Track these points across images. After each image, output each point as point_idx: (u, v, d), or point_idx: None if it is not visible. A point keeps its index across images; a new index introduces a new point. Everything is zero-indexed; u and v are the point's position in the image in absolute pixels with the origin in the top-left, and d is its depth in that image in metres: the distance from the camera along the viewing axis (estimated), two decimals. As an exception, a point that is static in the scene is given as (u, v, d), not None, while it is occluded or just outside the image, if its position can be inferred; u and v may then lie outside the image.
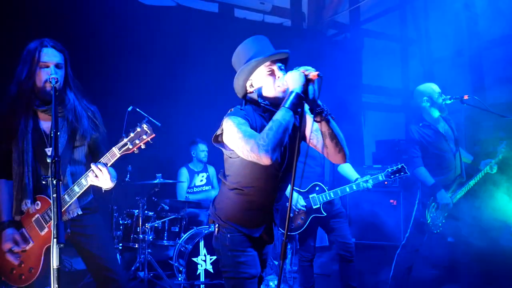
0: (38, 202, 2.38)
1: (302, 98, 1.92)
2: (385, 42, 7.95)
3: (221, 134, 2.09)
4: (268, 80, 2.12)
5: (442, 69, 7.03)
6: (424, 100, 3.87)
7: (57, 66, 2.37)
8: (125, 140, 2.16)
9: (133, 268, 4.45)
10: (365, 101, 7.97)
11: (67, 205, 2.33)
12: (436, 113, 3.88)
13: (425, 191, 3.82)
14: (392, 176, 3.60)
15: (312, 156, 3.72)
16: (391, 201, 5.78)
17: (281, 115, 1.91)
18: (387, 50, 7.72)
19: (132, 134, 2.15)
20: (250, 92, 2.19)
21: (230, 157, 2.19)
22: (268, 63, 2.12)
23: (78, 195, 2.31)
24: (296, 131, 2.01)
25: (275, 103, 2.10)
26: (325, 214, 3.64)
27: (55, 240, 1.66)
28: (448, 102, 3.81)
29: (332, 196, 3.62)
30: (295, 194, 3.59)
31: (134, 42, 5.44)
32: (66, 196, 2.31)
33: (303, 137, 2.24)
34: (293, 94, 1.93)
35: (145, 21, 5.55)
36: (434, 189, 3.75)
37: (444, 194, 3.74)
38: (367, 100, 8.01)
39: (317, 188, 3.67)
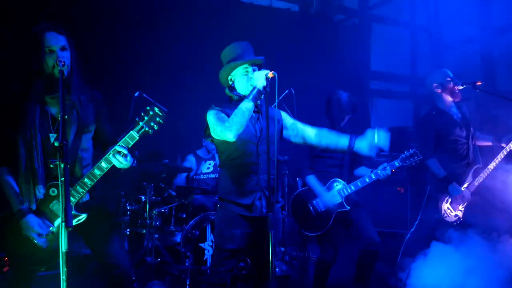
0: (54, 189, 2.40)
1: (261, 92, 2.52)
2: (394, 27, 7.83)
3: (207, 127, 2.70)
4: (243, 78, 2.72)
5: (452, 56, 6.93)
6: (435, 87, 3.83)
7: (62, 49, 2.37)
8: (141, 123, 2.37)
9: (140, 253, 4.48)
10: (373, 87, 7.88)
11: (88, 189, 2.39)
12: (448, 99, 3.82)
13: (436, 188, 3.78)
14: (407, 161, 3.49)
15: (329, 157, 3.64)
16: (399, 188, 5.75)
17: (244, 105, 2.53)
18: (396, 36, 7.61)
19: (146, 118, 2.36)
20: (230, 86, 2.80)
21: (216, 141, 2.72)
22: (245, 65, 2.72)
23: (99, 177, 2.39)
24: (272, 116, 2.63)
25: (246, 95, 2.64)
26: (349, 208, 3.56)
27: (63, 224, 1.67)
28: (460, 87, 3.75)
29: (353, 188, 3.55)
30: (327, 195, 3.55)
31: (140, 26, 5.41)
32: (86, 180, 2.38)
33: (281, 128, 2.82)
34: (256, 90, 2.53)
35: (151, 5, 5.50)
36: (446, 182, 3.71)
37: (456, 187, 3.69)
38: (375, 87, 7.92)
39: (335, 184, 3.60)
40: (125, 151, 2.35)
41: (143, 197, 4.61)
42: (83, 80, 2.51)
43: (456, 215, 3.73)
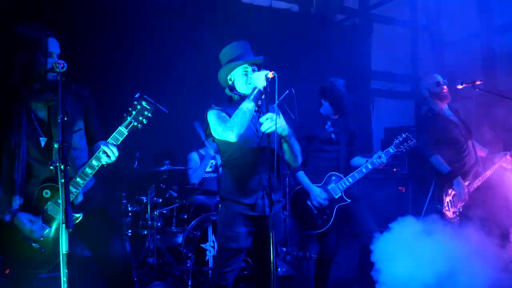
0: (47, 191, 2.39)
1: (262, 93, 2.54)
2: (395, 27, 7.84)
3: (207, 127, 2.71)
4: (242, 78, 2.73)
5: (452, 55, 6.93)
6: (425, 92, 3.91)
7: (58, 56, 2.37)
8: (129, 118, 2.35)
9: (142, 255, 4.49)
10: (373, 87, 7.89)
11: (81, 188, 2.36)
12: (440, 103, 3.87)
13: (440, 182, 3.78)
14: (401, 146, 3.49)
15: (325, 150, 3.60)
16: (400, 188, 5.76)
17: (245, 105, 2.53)
18: (397, 36, 7.61)
19: (134, 112, 2.35)
20: (230, 85, 2.80)
21: (217, 140, 2.72)
22: (245, 65, 2.73)
23: (91, 176, 2.36)
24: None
25: (246, 95, 2.67)
26: (349, 201, 3.50)
27: (63, 225, 1.67)
28: (460, 87, 3.76)
29: (351, 180, 3.49)
30: (317, 189, 3.51)
31: (140, 26, 5.41)
32: (78, 179, 2.35)
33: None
34: (256, 90, 2.54)
35: (151, 5, 5.51)
36: (451, 177, 3.70)
37: (461, 182, 3.69)
38: (376, 86, 7.93)
39: (333, 178, 3.54)
40: (114, 149, 2.33)
41: (144, 198, 4.61)
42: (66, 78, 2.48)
43: (454, 212, 3.74)
